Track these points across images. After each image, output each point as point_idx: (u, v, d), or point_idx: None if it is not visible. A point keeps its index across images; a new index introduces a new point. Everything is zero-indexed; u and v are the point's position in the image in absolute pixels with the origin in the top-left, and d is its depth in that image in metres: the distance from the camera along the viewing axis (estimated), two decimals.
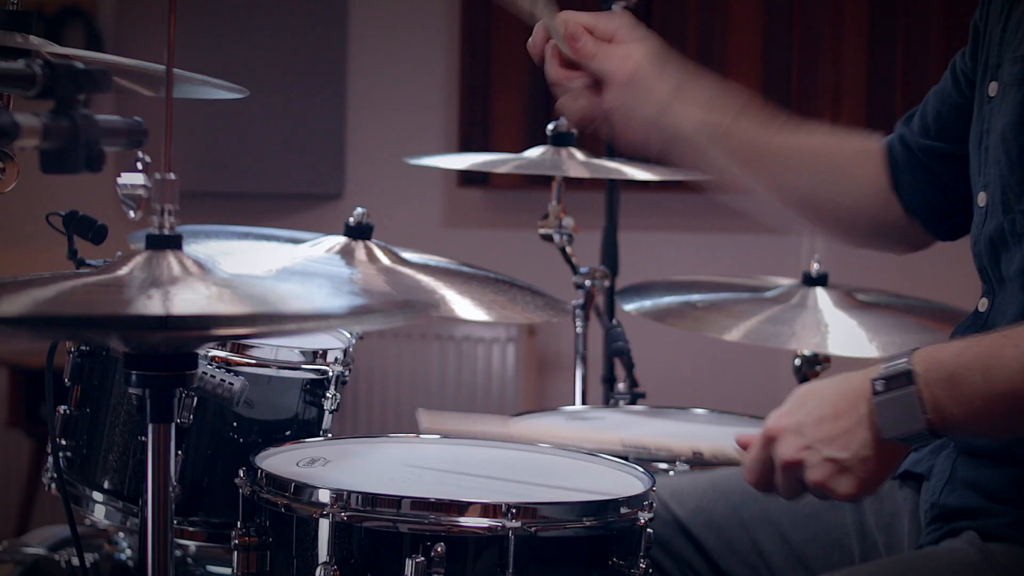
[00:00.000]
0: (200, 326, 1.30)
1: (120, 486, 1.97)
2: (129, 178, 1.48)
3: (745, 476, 1.64)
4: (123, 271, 1.43)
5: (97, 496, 2.00)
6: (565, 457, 1.94)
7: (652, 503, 1.72)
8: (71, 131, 1.21)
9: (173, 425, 1.46)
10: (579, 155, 2.90)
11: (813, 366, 2.94)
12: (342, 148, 5.07)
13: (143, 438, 1.84)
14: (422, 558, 1.57)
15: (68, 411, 2.01)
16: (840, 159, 2.01)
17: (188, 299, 1.36)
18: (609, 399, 2.86)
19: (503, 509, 1.59)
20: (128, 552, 2.41)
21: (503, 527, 1.59)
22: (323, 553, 1.63)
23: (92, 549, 2.39)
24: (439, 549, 1.56)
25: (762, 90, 4.52)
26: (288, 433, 2.01)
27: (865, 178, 2.01)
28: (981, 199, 1.78)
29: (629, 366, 2.85)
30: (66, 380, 2.01)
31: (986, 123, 1.78)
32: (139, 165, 1.48)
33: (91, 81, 1.22)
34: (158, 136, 1.41)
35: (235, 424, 1.97)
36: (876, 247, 2.16)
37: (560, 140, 2.92)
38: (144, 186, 1.48)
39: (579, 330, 3.10)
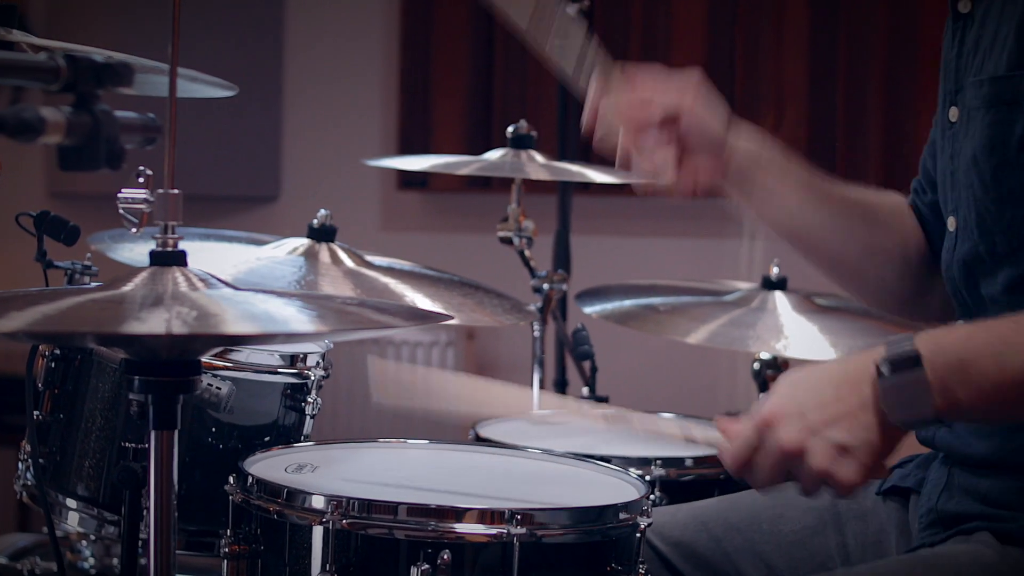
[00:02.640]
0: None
1: (96, 493, 1.93)
2: (130, 192, 1.44)
3: (725, 459, 1.56)
4: (128, 288, 1.40)
5: (71, 503, 1.95)
6: (552, 462, 1.92)
7: (649, 509, 1.70)
8: (92, 127, 1.16)
9: (176, 432, 1.42)
10: (539, 157, 2.88)
11: (771, 369, 2.95)
12: (278, 150, 5.01)
13: (127, 444, 1.82)
14: (427, 566, 1.54)
15: (41, 417, 1.96)
16: (885, 211, 1.97)
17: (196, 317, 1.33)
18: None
19: (506, 515, 1.57)
20: (91, 561, 2.35)
21: (508, 533, 1.56)
22: (321, 561, 1.60)
23: (54, 558, 2.32)
24: (445, 556, 1.54)
25: None
26: (267, 439, 1.97)
27: (908, 232, 1.96)
28: (951, 224, 1.79)
29: (593, 370, 2.83)
30: (39, 385, 1.96)
31: (950, 148, 1.78)
32: (140, 179, 1.44)
33: (113, 75, 1.18)
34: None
35: (214, 429, 1.93)
36: (914, 314, 2.04)
37: (519, 143, 2.89)
38: (146, 200, 1.44)
39: (536, 334, 3.08)
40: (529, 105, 4.62)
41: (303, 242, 2.50)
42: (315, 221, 2.51)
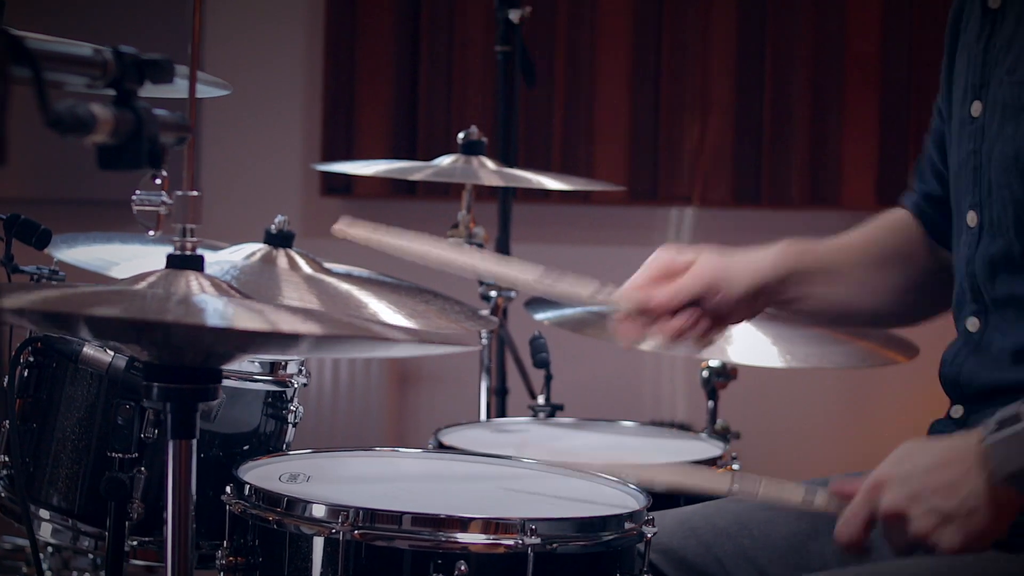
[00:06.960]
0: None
1: (72, 504, 1.87)
2: (146, 194, 1.40)
3: (838, 531, 1.59)
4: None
5: (44, 514, 1.89)
6: (542, 471, 1.89)
7: (653, 518, 1.69)
8: (135, 125, 1.12)
9: (195, 442, 1.38)
10: (490, 164, 2.86)
11: (720, 376, 2.95)
12: (197, 154, 4.93)
13: (112, 454, 1.77)
14: None
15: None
16: (900, 244, 2.00)
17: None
18: (536, 412, 2.81)
19: (520, 525, 1.54)
20: (48, 574, 2.29)
21: (522, 543, 1.54)
22: (327, 573, 1.56)
23: (9, 572, 2.26)
24: (463, 567, 1.51)
25: (630, 102, 4.53)
26: (246, 448, 1.93)
27: (919, 253, 1.99)
28: (971, 219, 1.78)
29: (548, 378, 2.81)
30: (14, 394, 1.90)
31: (974, 144, 1.77)
32: (157, 181, 1.40)
33: (157, 71, 1.14)
34: None
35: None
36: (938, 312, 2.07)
37: (471, 149, 2.87)
38: (164, 202, 1.40)
39: (484, 341, 3.06)
40: (454, 113, 4.59)
41: (259, 247, 2.45)
42: (272, 226, 2.47)
